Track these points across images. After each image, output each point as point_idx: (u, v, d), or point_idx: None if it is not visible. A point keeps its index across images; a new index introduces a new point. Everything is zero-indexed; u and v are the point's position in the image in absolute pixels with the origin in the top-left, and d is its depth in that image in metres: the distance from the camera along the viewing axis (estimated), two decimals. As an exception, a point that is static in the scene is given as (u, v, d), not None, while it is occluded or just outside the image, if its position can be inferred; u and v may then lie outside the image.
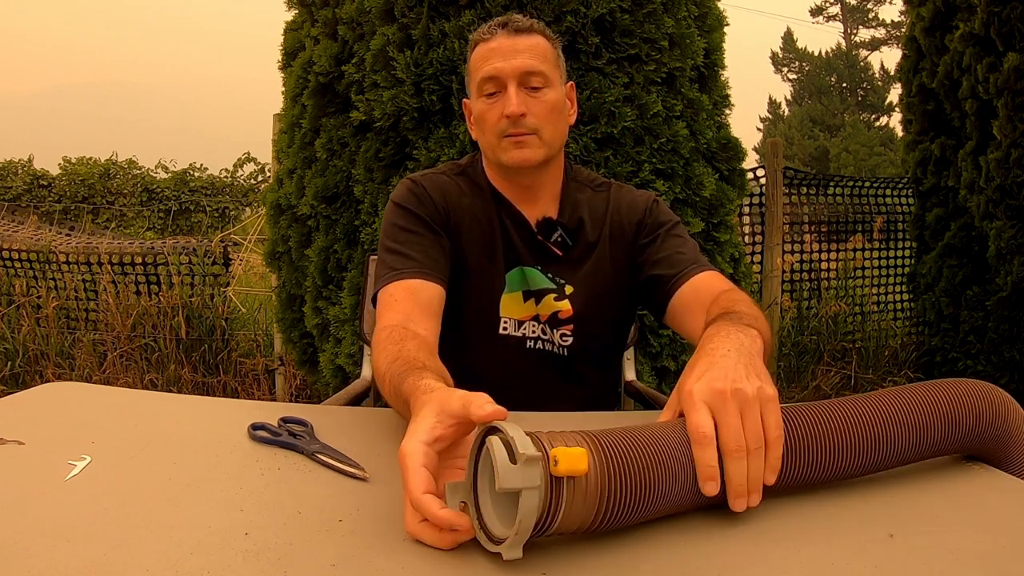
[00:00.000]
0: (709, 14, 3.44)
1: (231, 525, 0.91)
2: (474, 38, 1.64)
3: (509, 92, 1.55)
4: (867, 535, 0.90)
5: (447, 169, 1.73)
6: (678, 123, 3.15)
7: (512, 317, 1.65)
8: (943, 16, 4.62)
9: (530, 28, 1.60)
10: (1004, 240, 4.21)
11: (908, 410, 1.03)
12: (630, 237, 1.68)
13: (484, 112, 1.59)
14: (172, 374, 4.95)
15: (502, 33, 1.58)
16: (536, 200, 1.67)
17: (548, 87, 1.58)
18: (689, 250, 1.64)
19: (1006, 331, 4.40)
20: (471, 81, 1.64)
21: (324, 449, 1.15)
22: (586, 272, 1.66)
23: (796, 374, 5.30)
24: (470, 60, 1.65)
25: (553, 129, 1.60)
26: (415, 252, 1.56)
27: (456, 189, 1.67)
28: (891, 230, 6.19)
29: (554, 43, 1.64)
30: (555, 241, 1.65)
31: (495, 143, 1.59)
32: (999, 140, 4.16)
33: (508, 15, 1.64)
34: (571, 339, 1.66)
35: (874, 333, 5.67)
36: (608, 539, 0.90)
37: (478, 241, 1.65)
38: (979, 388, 1.10)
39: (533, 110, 1.56)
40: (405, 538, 0.88)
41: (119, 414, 1.36)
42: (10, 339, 5.13)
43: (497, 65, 1.56)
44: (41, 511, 0.93)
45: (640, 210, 1.69)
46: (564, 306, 1.65)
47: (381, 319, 1.47)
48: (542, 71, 1.57)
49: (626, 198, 1.72)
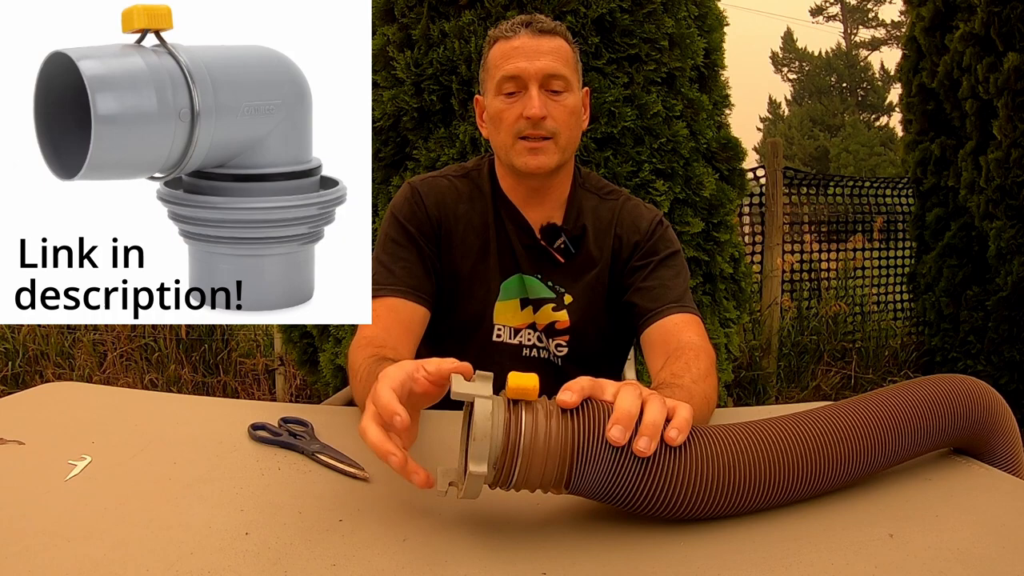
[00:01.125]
0: (709, 14, 3.43)
1: (231, 525, 0.91)
2: (494, 34, 1.60)
3: (531, 93, 1.52)
4: (867, 535, 0.90)
5: (452, 171, 1.71)
6: (678, 123, 3.15)
7: (507, 324, 1.64)
8: (943, 16, 4.62)
9: (553, 30, 1.58)
10: (1004, 240, 4.22)
11: (892, 414, 1.03)
12: (626, 255, 1.65)
13: (502, 111, 1.56)
14: (172, 374, 4.95)
15: (526, 32, 1.55)
16: (542, 204, 1.64)
17: (568, 92, 1.56)
18: (676, 284, 1.61)
19: (1006, 331, 4.40)
20: (488, 78, 1.61)
21: (324, 449, 1.15)
22: (586, 283, 1.64)
23: (796, 374, 5.30)
24: (488, 56, 1.61)
25: (569, 135, 1.57)
26: (400, 269, 1.56)
27: (454, 195, 1.65)
28: (891, 230, 6.19)
29: (574, 47, 1.62)
30: (558, 248, 1.63)
31: (510, 143, 1.55)
32: (999, 140, 4.16)
33: (532, 15, 1.61)
34: (566, 349, 1.65)
35: (874, 333, 5.67)
36: (608, 539, 0.90)
37: (472, 248, 1.63)
38: (962, 383, 1.10)
39: (553, 114, 1.53)
40: (405, 538, 0.89)
41: (119, 414, 1.36)
42: (10, 339, 5.13)
43: (520, 65, 1.53)
44: (41, 511, 0.93)
45: (643, 231, 1.65)
46: (562, 317, 1.63)
47: (361, 330, 1.48)
48: (564, 75, 1.54)
49: (632, 214, 1.68)
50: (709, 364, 1.37)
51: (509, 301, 1.64)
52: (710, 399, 1.28)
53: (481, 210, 1.65)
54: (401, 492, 1.01)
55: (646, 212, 1.69)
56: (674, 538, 0.90)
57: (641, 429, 0.87)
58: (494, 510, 0.97)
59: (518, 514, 0.97)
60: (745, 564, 0.85)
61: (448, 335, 1.65)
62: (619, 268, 1.65)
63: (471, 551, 0.87)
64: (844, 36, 35.26)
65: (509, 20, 1.60)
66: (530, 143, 1.53)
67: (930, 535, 0.90)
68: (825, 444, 0.97)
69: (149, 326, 5.06)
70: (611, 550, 0.88)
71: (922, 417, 1.05)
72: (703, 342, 1.47)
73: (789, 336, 5.45)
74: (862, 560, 0.84)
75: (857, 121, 28.73)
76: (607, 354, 1.74)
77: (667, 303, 1.56)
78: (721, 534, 0.91)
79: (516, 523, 0.95)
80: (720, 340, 3.25)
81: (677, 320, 1.53)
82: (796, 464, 0.95)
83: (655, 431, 0.88)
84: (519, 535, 0.92)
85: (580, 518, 0.97)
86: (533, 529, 0.94)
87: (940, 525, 0.94)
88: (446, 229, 1.63)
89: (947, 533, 0.91)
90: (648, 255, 1.63)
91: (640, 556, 0.86)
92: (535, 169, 1.54)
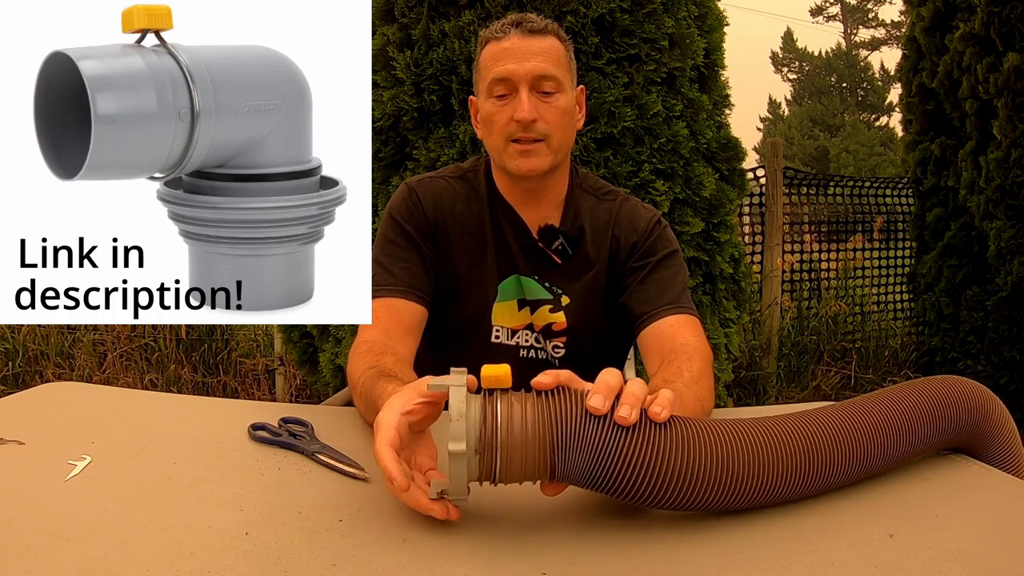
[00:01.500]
0: (709, 14, 3.43)
1: (231, 525, 0.91)
2: (485, 35, 1.59)
3: (521, 96, 1.50)
4: (867, 535, 0.90)
5: (449, 172, 1.70)
6: (678, 123, 3.15)
7: (505, 325, 1.64)
8: (943, 16, 4.62)
9: (544, 29, 1.55)
10: (1004, 240, 4.21)
11: (888, 416, 1.03)
12: (624, 255, 1.64)
13: (493, 114, 1.54)
14: (172, 374, 4.95)
15: (515, 33, 1.53)
16: (539, 205, 1.63)
17: (560, 92, 1.54)
18: (673, 285, 1.60)
19: (1006, 331, 4.40)
20: (480, 80, 1.59)
21: (324, 449, 1.15)
22: (584, 284, 1.64)
23: (796, 374, 5.30)
24: (480, 58, 1.59)
25: (562, 136, 1.55)
26: (399, 269, 1.56)
27: (452, 196, 1.64)
28: (891, 230, 6.19)
29: (567, 45, 1.59)
30: (555, 249, 1.62)
31: (501, 146, 1.54)
32: (999, 140, 4.16)
33: (522, 14, 1.59)
34: (564, 351, 1.65)
35: (874, 333, 5.67)
36: (607, 539, 0.91)
37: (470, 250, 1.63)
38: (957, 385, 1.11)
39: (544, 116, 1.51)
40: (405, 538, 0.89)
41: (119, 414, 1.36)
42: (10, 339, 5.13)
43: (509, 67, 1.51)
44: (41, 511, 0.93)
45: (640, 231, 1.64)
46: (559, 318, 1.63)
47: (361, 333, 1.48)
48: (555, 75, 1.52)
49: (630, 214, 1.67)
50: (704, 365, 1.37)
51: (507, 302, 1.63)
52: (704, 401, 1.28)
53: (478, 211, 1.64)
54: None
55: (644, 212, 1.68)
56: (674, 538, 0.90)
57: (622, 399, 0.89)
58: (494, 510, 0.97)
59: (518, 514, 0.97)
60: (745, 564, 0.85)
61: (447, 336, 1.65)
62: (617, 269, 1.64)
63: (471, 551, 0.87)
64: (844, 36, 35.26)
65: (500, 20, 1.58)
66: (522, 146, 1.52)
67: (930, 535, 0.91)
68: (819, 443, 0.97)
69: (149, 326, 5.06)
70: (611, 550, 0.88)
71: (917, 419, 1.05)
72: (699, 343, 1.47)
73: (789, 336, 5.45)
74: (862, 560, 0.84)
75: (857, 121, 28.73)
76: (605, 355, 1.73)
77: (663, 305, 1.55)
78: (721, 534, 0.91)
79: (516, 523, 0.95)
80: (720, 340, 3.25)
81: (672, 322, 1.53)
82: (787, 461, 0.95)
83: (636, 401, 0.89)
84: (519, 535, 0.92)
85: (580, 518, 0.97)
86: (533, 529, 0.94)
87: (940, 525, 0.94)
88: (444, 229, 1.62)
89: (947, 533, 0.91)
90: (646, 255, 1.63)
91: (640, 556, 0.86)
92: (527, 172, 1.53)
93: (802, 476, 0.96)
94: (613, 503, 0.96)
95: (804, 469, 0.96)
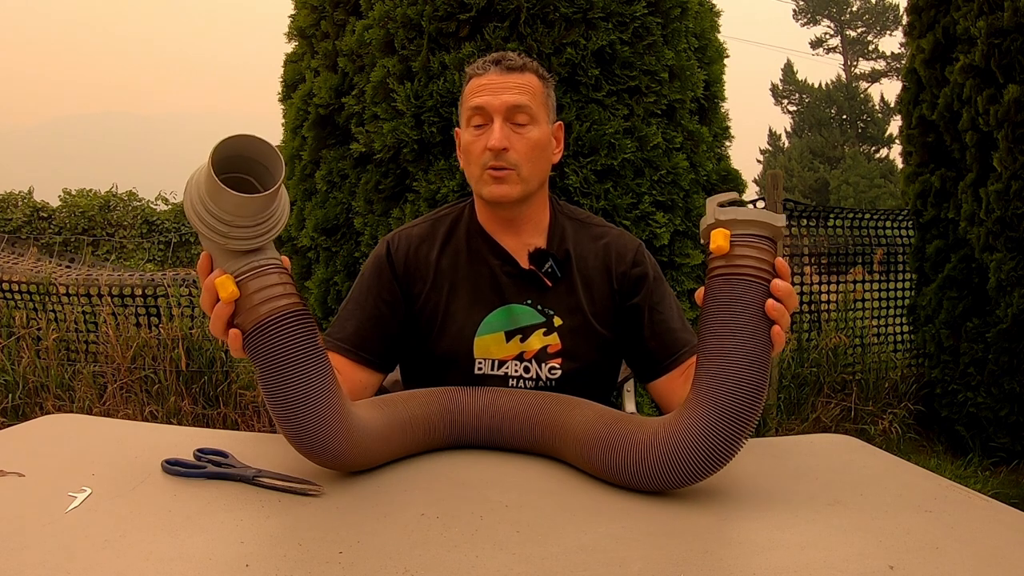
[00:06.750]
0: (709, 46, 3.46)
1: (231, 557, 0.91)
2: (469, 71, 1.68)
3: (494, 126, 1.59)
4: (868, 567, 0.90)
5: (431, 217, 1.79)
6: (678, 155, 3.17)
7: (489, 358, 1.66)
8: (943, 48, 4.64)
9: (523, 67, 1.64)
10: (1004, 272, 4.21)
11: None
12: (613, 283, 1.70)
13: (470, 143, 1.65)
14: (172, 406, 4.94)
15: (495, 70, 1.63)
16: (519, 233, 1.70)
17: (533, 124, 1.62)
18: (675, 318, 1.68)
19: (1006, 363, 4.39)
20: (462, 112, 1.70)
21: (261, 473, 1.16)
22: (574, 305, 1.68)
23: (796, 406, 5.28)
24: (463, 92, 1.70)
25: (532, 167, 1.63)
26: (352, 326, 1.65)
27: (427, 242, 1.72)
28: (891, 262, 6.19)
29: (547, 83, 1.69)
30: (546, 271, 1.67)
31: (478, 174, 1.63)
32: (999, 172, 4.16)
33: (503, 53, 1.68)
34: (560, 372, 1.66)
35: (874, 365, 5.65)
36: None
37: (442, 289, 1.68)
38: None
39: (515, 146, 1.60)
40: (406, 570, 0.88)
41: (119, 446, 1.36)
42: (10, 371, 5.12)
43: (485, 98, 1.61)
44: (42, 543, 0.93)
45: (628, 260, 1.71)
46: (553, 340, 1.66)
47: None
48: (529, 108, 1.61)
49: (617, 243, 1.74)
50: None
51: (493, 335, 1.66)
52: None
53: (453, 252, 1.71)
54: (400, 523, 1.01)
55: (628, 241, 1.76)
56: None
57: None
58: (496, 539, 0.97)
59: (525, 548, 0.97)
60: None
61: (427, 370, 1.69)
62: (608, 295, 1.70)
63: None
64: (844, 68, 35.53)
65: (482, 58, 1.68)
66: (494, 172, 1.60)
67: (930, 567, 0.90)
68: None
69: (149, 358, 5.06)
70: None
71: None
72: None
73: (789, 368, 5.44)
74: (863, 592, 0.84)
75: (857, 153, 28.85)
76: (599, 374, 1.76)
77: (680, 348, 1.65)
78: (722, 567, 0.91)
79: (514, 547, 0.95)
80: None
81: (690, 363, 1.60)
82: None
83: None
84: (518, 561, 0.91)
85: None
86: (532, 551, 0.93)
87: (940, 557, 0.94)
88: (418, 276, 1.70)
89: (947, 565, 0.91)
90: (635, 284, 1.70)
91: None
92: (499, 197, 1.61)
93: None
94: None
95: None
